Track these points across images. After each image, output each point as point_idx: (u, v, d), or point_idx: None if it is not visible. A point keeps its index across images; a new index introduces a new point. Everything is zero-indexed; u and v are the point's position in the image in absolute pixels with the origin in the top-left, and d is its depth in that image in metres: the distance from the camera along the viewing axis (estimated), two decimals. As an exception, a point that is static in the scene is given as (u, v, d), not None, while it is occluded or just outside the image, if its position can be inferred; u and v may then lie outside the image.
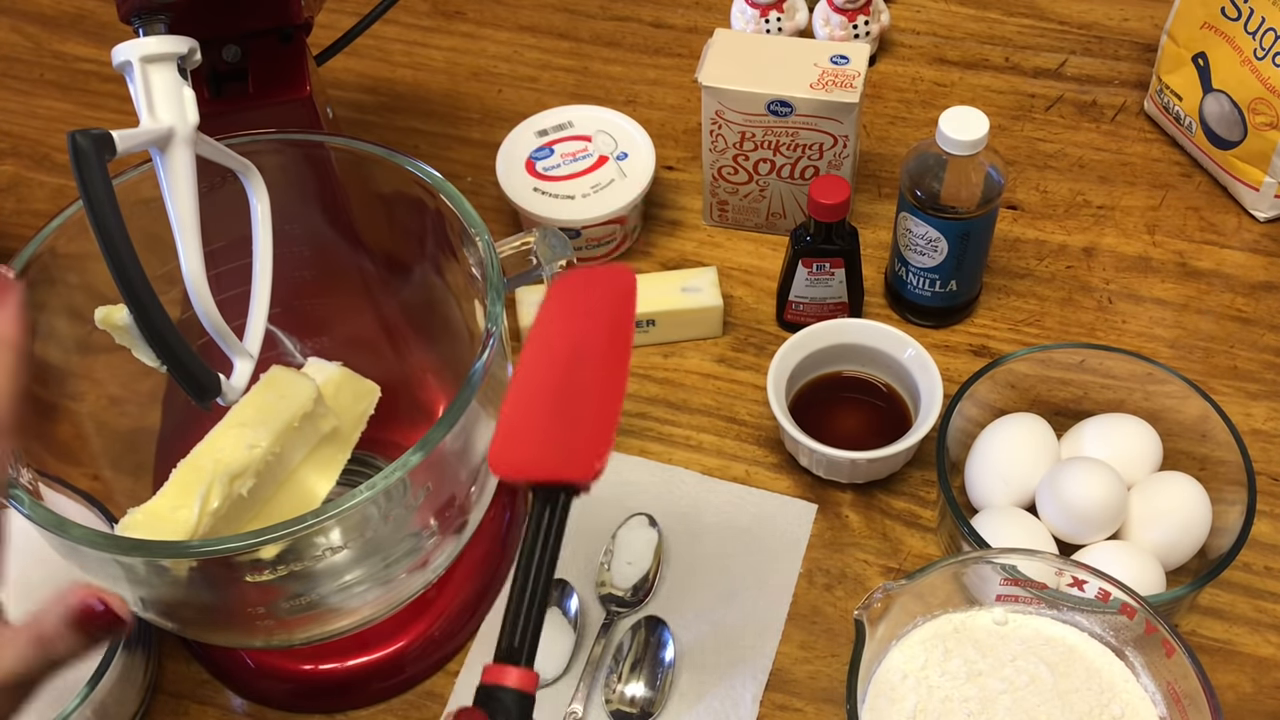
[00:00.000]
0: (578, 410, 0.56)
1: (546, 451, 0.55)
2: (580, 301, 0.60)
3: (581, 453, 0.55)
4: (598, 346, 0.58)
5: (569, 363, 0.58)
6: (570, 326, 0.59)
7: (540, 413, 0.57)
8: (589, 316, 0.59)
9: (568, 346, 0.58)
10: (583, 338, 0.58)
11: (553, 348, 0.59)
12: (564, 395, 0.57)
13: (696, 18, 1.16)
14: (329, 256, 0.79)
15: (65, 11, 1.20)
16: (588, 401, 0.56)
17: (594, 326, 0.58)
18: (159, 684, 0.78)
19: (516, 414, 0.57)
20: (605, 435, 0.55)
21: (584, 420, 0.56)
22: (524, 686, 0.52)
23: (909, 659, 0.68)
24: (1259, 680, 0.76)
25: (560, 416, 0.56)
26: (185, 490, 0.65)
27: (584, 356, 0.58)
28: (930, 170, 0.85)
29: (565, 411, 0.56)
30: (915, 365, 0.85)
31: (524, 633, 0.53)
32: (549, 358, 0.58)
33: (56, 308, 0.71)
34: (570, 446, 0.55)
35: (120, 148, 0.56)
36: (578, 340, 0.58)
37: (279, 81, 0.81)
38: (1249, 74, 0.93)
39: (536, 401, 0.57)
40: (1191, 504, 0.77)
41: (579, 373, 0.57)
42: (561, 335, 0.59)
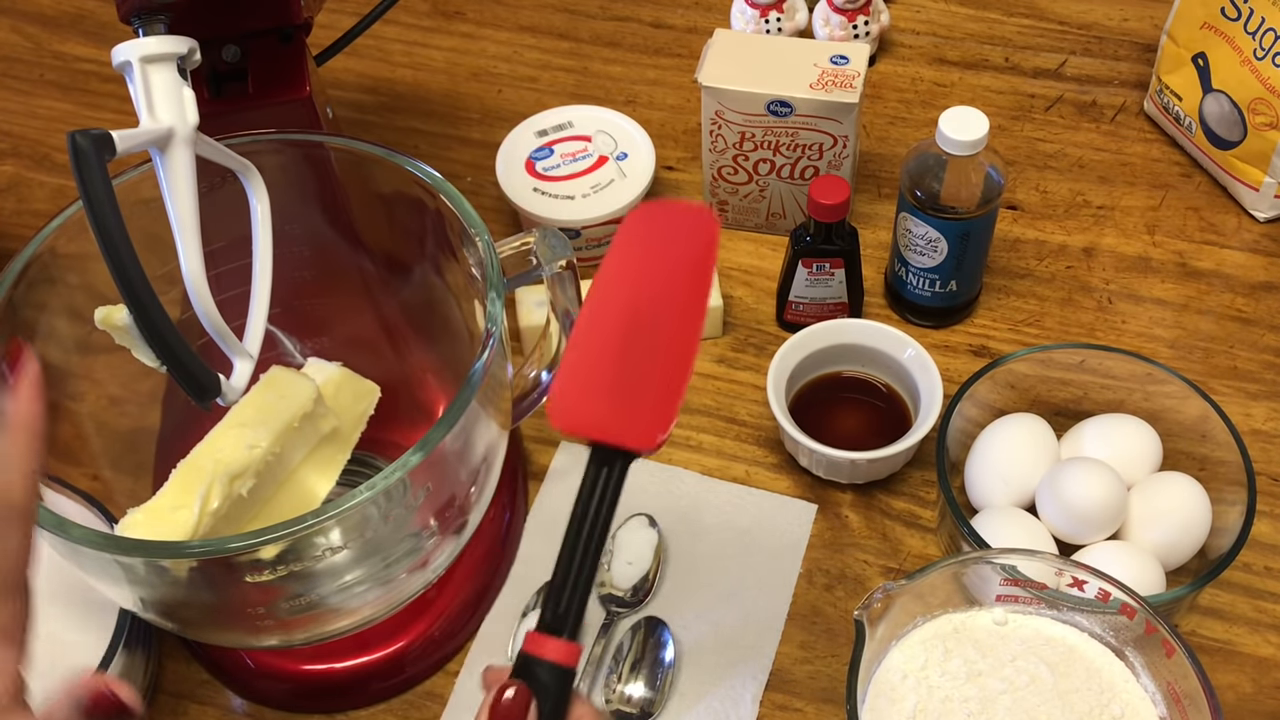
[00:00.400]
0: (647, 366, 0.52)
1: (609, 408, 0.52)
2: (659, 241, 0.56)
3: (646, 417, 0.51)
4: (675, 297, 0.54)
5: (642, 308, 0.54)
6: (645, 267, 0.55)
7: (606, 362, 0.53)
8: (668, 261, 0.55)
9: (641, 289, 0.54)
10: (659, 283, 0.54)
11: (626, 288, 0.54)
12: (633, 345, 0.53)
13: (696, 18, 1.16)
14: (329, 256, 0.79)
15: (65, 11, 1.20)
16: (657, 358, 0.52)
17: (673, 273, 0.54)
18: (159, 684, 0.78)
19: (581, 359, 0.54)
20: (672, 401, 0.52)
21: (651, 379, 0.52)
22: (565, 660, 0.50)
23: (909, 659, 0.68)
24: (1259, 680, 0.76)
25: (627, 370, 0.52)
26: (185, 490, 0.65)
27: (658, 305, 0.54)
28: (930, 170, 0.85)
29: (633, 365, 0.53)
30: (915, 365, 0.85)
31: (569, 603, 0.50)
32: (621, 299, 0.54)
33: (56, 308, 0.71)
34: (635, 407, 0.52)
35: (120, 148, 0.56)
36: (654, 285, 0.54)
37: (279, 81, 0.81)
38: (1249, 74, 0.93)
39: (604, 347, 0.53)
40: (1191, 504, 0.77)
41: (652, 322, 0.53)
42: (635, 275, 0.55)
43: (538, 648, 0.50)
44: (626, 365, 0.53)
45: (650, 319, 0.53)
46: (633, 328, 0.53)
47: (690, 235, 0.55)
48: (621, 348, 0.53)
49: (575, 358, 0.54)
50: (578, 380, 0.53)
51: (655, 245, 0.55)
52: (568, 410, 0.53)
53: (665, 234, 0.56)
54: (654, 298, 0.54)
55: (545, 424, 0.88)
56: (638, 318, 0.53)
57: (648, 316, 0.53)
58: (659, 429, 0.51)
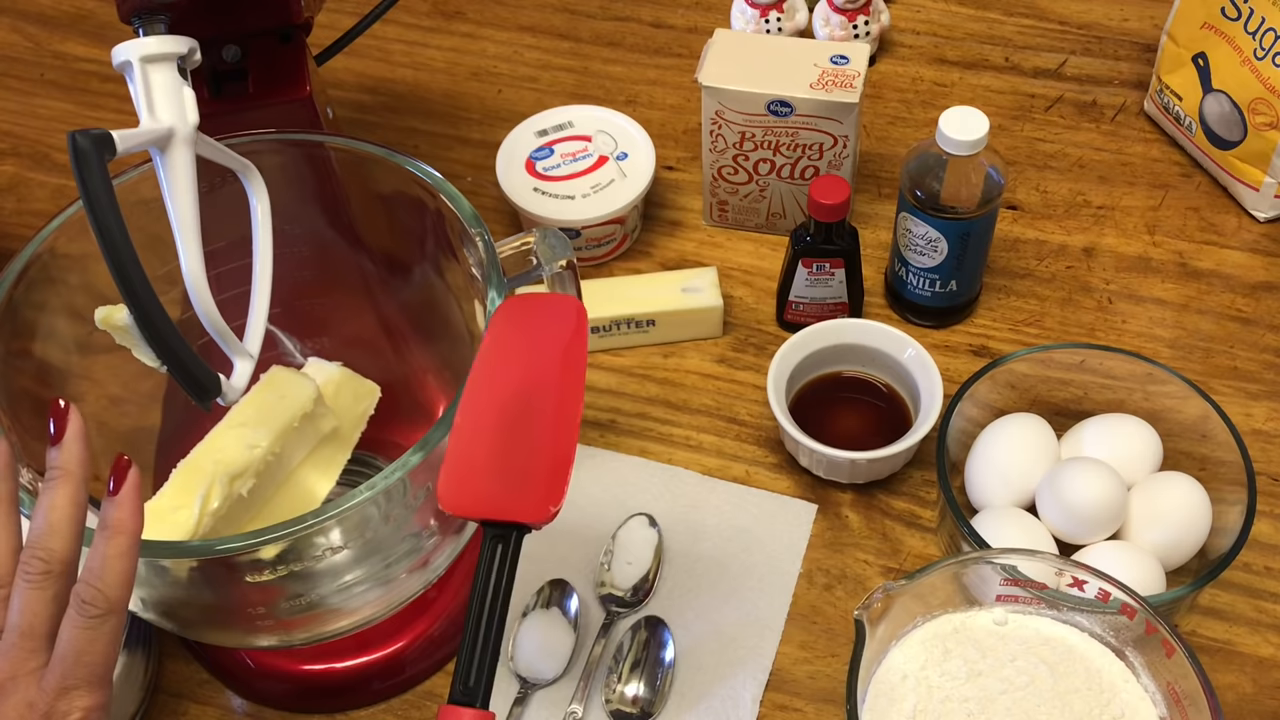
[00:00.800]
0: (530, 445, 0.56)
1: (498, 488, 0.55)
2: (528, 330, 0.60)
3: (536, 492, 0.55)
4: (550, 378, 0.57)
5: (519, 393, 0.57)
6: (520, 355, 0.59)
7: (490, 445, 0.56)
8: (539, 346, 0.59)
9: (518, 376, 0.58)
10: (533, 367, 0.58)
11: (501, 377, 0.58)
12: (515, 428, 0.57)
13: (696, 18, 1.16)
14: (329, 256, 0.79)
15: (65, 11, 1.20)
16: (541, 437, 0.56)
17: (545, 357, 0.58)
18: (159, 684, 0.78)
19: (465, 446, 0.57)
20: (561, 475, 0.55)
21: (538, 457, 0.56)
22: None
23: (909, 659, 0.68)
24: (1259, 680, 0.76)
25: (512, 451, 0.56)
26: (185, 490, 0.65)
27: (535, 388, 0.57)
28: (930, 170, 0.85)
29: (517, 446, 0.56)
30: (915, 365, 0.85)
31: (479, 674, 0.53)
32: (498, 387, 0.58)
33: (56, 308, 0.71)
34: (523, 484, 0.55)
35: (120, 148, 0.56)
36: (528, 370, 0.58)
37: (279, 81, 0.81)
38: (1249, 74, 0.93)
39: (485, 433, 0.57)
40: (1191, 504, 0.77)
41: (531, 406, 0.57)
42: (511, 364, 0.59)
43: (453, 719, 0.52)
44: (511, 443, 0.56)
45: (528, 402, 0.57)
46: (512, 411, 0.57)
47: (558, 317, 0.60)
48: (502, 431, 0.57)
49: (459, 444, 0.57)
50: (463, 465, 0.56)
51: (526, 331, 0.60)
52: (458, 494, 0.56)
53: (535, 323, 0.60)
54: (530, 381, 0.58)
55: (545, 424, 0.88)
56: (517, 402, 0.57)
57: (526, 400, 0.57)
58: (551, 502, 0.54)
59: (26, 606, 0.52)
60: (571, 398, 0.57)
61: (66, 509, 0.54)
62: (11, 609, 0.53)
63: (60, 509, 0.54)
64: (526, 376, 0.58)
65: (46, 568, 0.53)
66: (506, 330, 0.60)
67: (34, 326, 0.70)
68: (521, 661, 0.77)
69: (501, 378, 0.58)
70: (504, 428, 0.57)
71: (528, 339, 0.60)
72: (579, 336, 0.59)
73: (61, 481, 0.54)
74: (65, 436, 0.55)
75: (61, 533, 0.53)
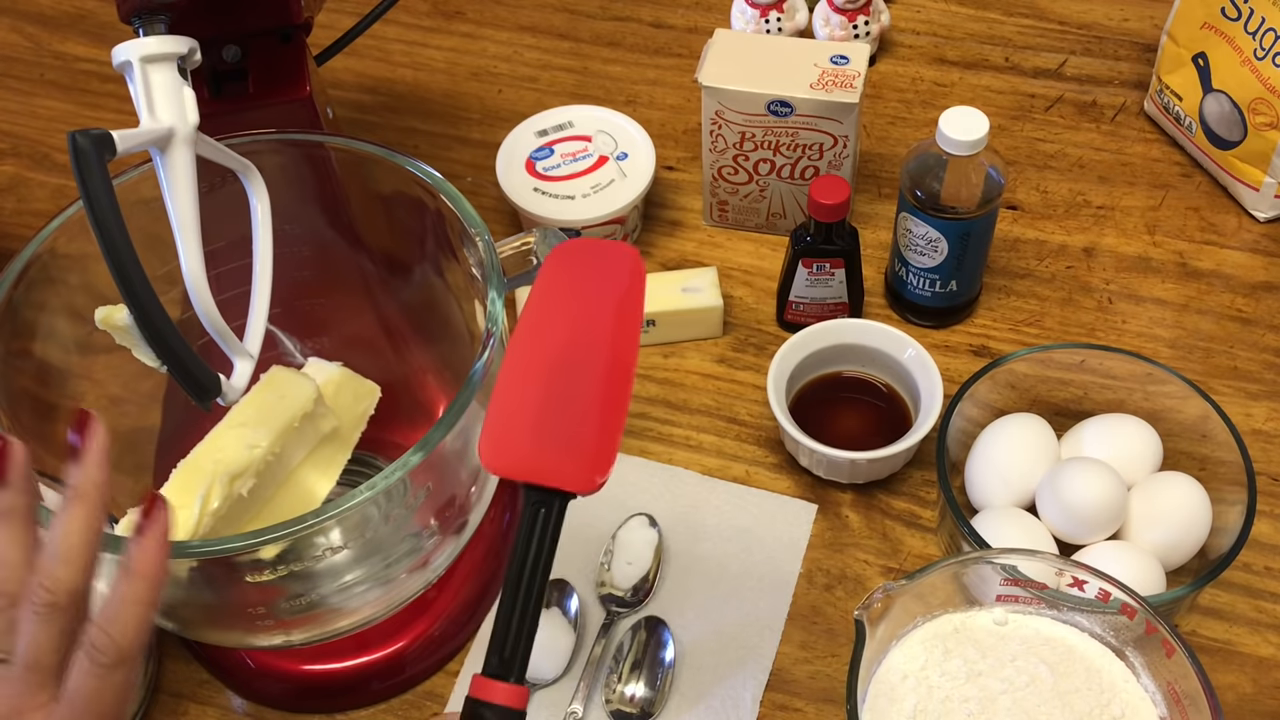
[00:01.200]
0: (579, 406, 0.52)
1: (543, 450, 0.52)
2: (580, 279, 0.55)
3: (583, 459, 0.51)
4: (603, 334, 0.53)
5: (569, 347, 0.53)
6: (570, 306, 0.54)
7: (536, 403, 0.52)
8: (591, 297, 0.54)
9: (567, 328, 0.54)
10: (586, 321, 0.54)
11: (549, 328, 0.54)
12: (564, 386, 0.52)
13: (696, 18, 1.16)
14: (329, 256, 0.79)
15: (65, 11, 1.20)
16: (590, 399, 0.52)
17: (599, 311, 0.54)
18: (159, 684, 0.78)
19: (511, 401, 0.53)
20: (609, 443, 0.51)
21: (586, 421, 0.52)
22: (514, 703, 0.49)
23: (909, 659, 0.68)
24: (1259, 680, 0.76)
25: (559, 411, 0.52)
26: (185, 490, 0.65)
27: (587, 344, 0.53)
28: (930, 170, 0.85)
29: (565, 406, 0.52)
30: (915, 365, 0.85)
31: (515, 645, 0.50)
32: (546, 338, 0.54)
33: (56, 308, 0.71)
34: (570, 449, 0.51)
35: (120, 148, 0.56)
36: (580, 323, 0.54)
37: (279, 81, 0.81)
38: (1249, 74, 0.93)
39: (532, 389, 0.53)
40: (1191, 504, 0.77)
41: (581, 362, 0.53)
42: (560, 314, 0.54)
43: (486, 692, 0.49)
44: (559, 402, 0.52)
45: (577, 357, 0.53)
46: (561, 368, 0.53)
47: (615, 273, 0.55)
48: (552, 384, 0.52)
49: (502, 398, 0.53)
50: (509, 421, 0.53)
51: (579, 284, 0.55)
52: (500, 452, 0.52)
53: (589, 273, 0.55)
54: (580, 335, 0.53)
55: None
56: (566, 358, 0.53)
57: (575, 354, 0.53)
58: (598, 470, 0.51)
59: (32, 639, 0.50)
60: (624, 356, 0.53)
61: (78, 535, 0.51)
62: (19, 636, 0.50)
63: (72, 535, 0.51)
64: (576, 329, 0.53)
65: (52, 599, 0.50)
66: (557, 278, 0.55)
67: (34, 326, 0.70)
68: (521, 661, 0.77)
69: (549, 329, 0.54)
70: (551, 383, 0.52)
71: (579, 289, 0.55)
72: (635, 290, 0.54)
73: (77, 505, 0.51)
74: (87, 455, 0.52)
75: (71, 561, 0.50)
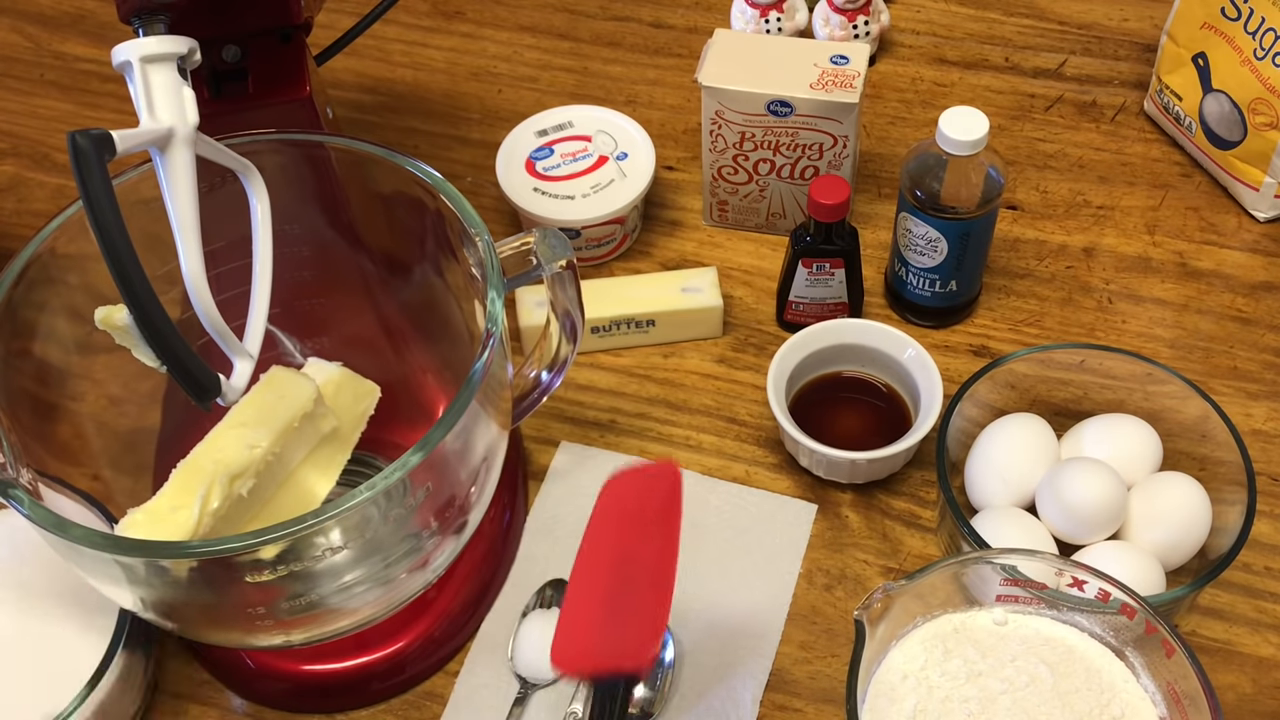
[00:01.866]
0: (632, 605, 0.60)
1: (603, 646, 0.59)
2: (631, 503, 0.64)
3: (635, 643, 0.59)
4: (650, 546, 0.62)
5: (620, 563, 0.61)
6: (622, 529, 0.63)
7: (595, 612, 0.60)
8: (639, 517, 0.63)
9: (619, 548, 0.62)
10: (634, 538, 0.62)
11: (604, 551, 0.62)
12: (617, 594, 0.61)
13: (696, 18, 1.16)
14: (329, 256, 0.79)
15: (65, 11, 1.20)
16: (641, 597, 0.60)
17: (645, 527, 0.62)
18: (159, 684, 0.78)
19: (575, 614, 0.61)
20: (658, 625, 0.59)
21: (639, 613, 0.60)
22: None
23: (909, 659, 0.68)
24: (1259, 680, 0.76)
25: (615, 613, 0.60)
26: (185, 490, 0.65)
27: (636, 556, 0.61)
28: (930, 170, 0.85)
29: (619, 608, 0.60)
30: (915, 365, 0.85)
31: None
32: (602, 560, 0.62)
33: (56, 308, 0.71)
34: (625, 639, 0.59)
35: (120, 148, 0.56)
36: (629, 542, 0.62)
37: (279, 81, 0.81)
38: (1249, 74, 0.93)
39: (592, 602, 0.61)
40: (1191, 504, 0.77)
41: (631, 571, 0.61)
42: (613, 538, 0.63)
43: None
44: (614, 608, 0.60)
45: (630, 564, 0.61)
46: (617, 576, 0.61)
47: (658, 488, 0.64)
48: (608, 595, 0.61)
49: (569, 612, 0.61)
50: (573, 630, 0.61)
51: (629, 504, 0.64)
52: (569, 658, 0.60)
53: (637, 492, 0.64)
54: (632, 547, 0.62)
55: (545, 424, 0.88)
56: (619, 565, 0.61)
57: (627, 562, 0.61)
58: (647, 647, 0.59)
59: None
60: (667, 556, 0.61)
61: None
62: None
63: None
64: (627, 546, 0.62)
65: None
66: (611, 503, 0.64)
67: (34, 326, 0.70)
68: (521, 661, 0.77)
69: (603, 550, 0.63)
70: (605, 594, 0.61)
71: (630, 507, 0.64)
72: (674, 498, 0.63)
73: None
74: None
75: None
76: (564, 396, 0.89)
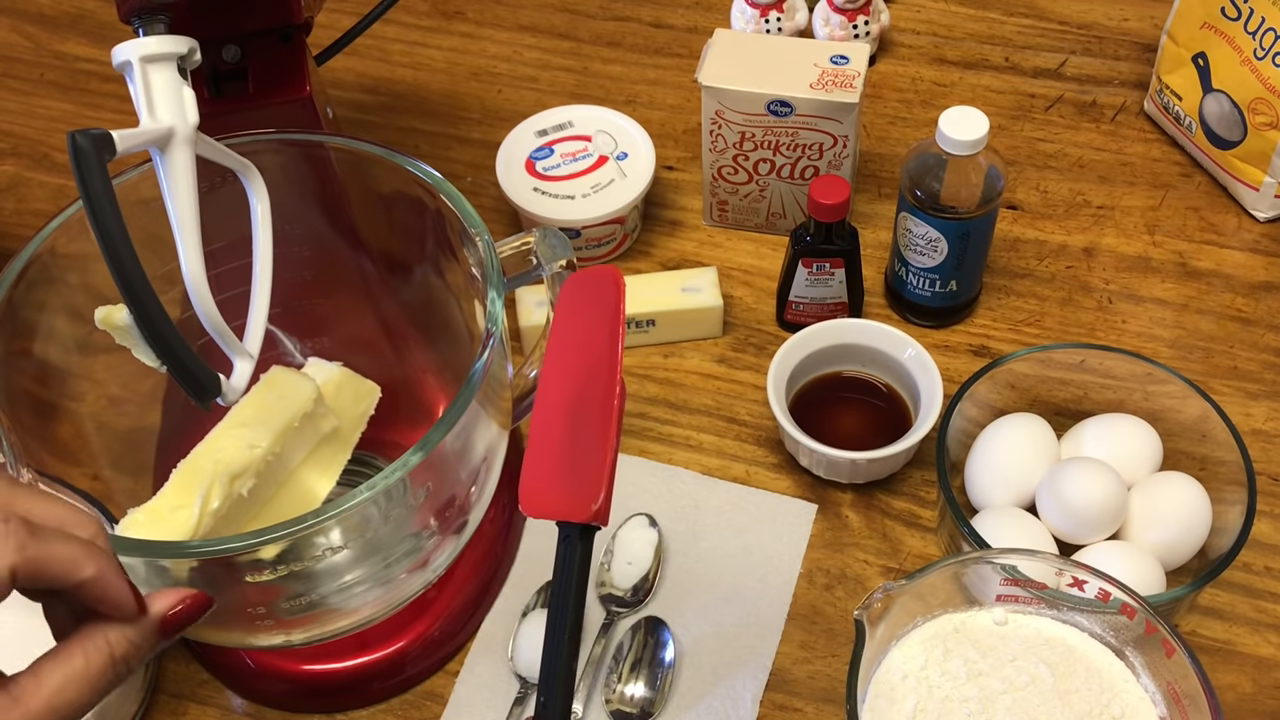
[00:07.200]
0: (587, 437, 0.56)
1: (560, 487, 0.56)
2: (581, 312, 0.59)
3: (585, 490, 0.54)
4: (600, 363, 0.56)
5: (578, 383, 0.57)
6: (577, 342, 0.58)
7: (557, 441, 0.57)
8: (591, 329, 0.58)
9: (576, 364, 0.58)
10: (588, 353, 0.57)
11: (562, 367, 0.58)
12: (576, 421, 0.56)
13: (696, 18, 1.16)
14: (329, 256, 0.79)
15: (65, 11, 1.20)
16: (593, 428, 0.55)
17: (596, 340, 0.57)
18: (159, 684, 0.78)
19: (537, 443, 0.58)
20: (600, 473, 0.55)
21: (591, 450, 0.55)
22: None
23: (909, 659, 0.68)
24: (1259, 680, 0.76)
25: (574, 445, 0.56)
26: (185, 490, 0.65)
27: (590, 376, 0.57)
28: (930, 170, 0.85)
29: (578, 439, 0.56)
30: (915, 365, 0.85)
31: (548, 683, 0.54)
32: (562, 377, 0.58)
33: (56, 308, 0.71)
34: (578, 482, 0.55)
35: (120, 148, 0.56)
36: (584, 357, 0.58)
37: (279, 81, 0.80)
38: (1249, 74, 0.93)
39: (553, 428, 0.57)
40: (1191, 504, 0.77)
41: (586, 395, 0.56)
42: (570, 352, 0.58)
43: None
44: (573, 440, 0.56)
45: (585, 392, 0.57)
46: (574, 403, 0.57)
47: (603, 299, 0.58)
48: (567, 424, 0.57)
49: (534, 442, 0.58)
50: (536, 464, 0.58)
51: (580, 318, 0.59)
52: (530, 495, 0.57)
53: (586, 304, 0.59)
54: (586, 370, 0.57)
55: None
56: (577, 393, 0.57)
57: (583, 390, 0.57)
58: (591, 499, 0.54)
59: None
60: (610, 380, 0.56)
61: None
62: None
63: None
64: (583, 364, 0.57)
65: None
66: (565, 317, 0.60)
67: (34, 326, 0.70)
68: (521, 661, 0.77)
69: (563, 368, 0.58)
70: (568, 421, 0.57)
71: (582, 322, 0.59)
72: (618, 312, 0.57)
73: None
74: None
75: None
76: (564, 396, 0.89)
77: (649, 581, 0.80)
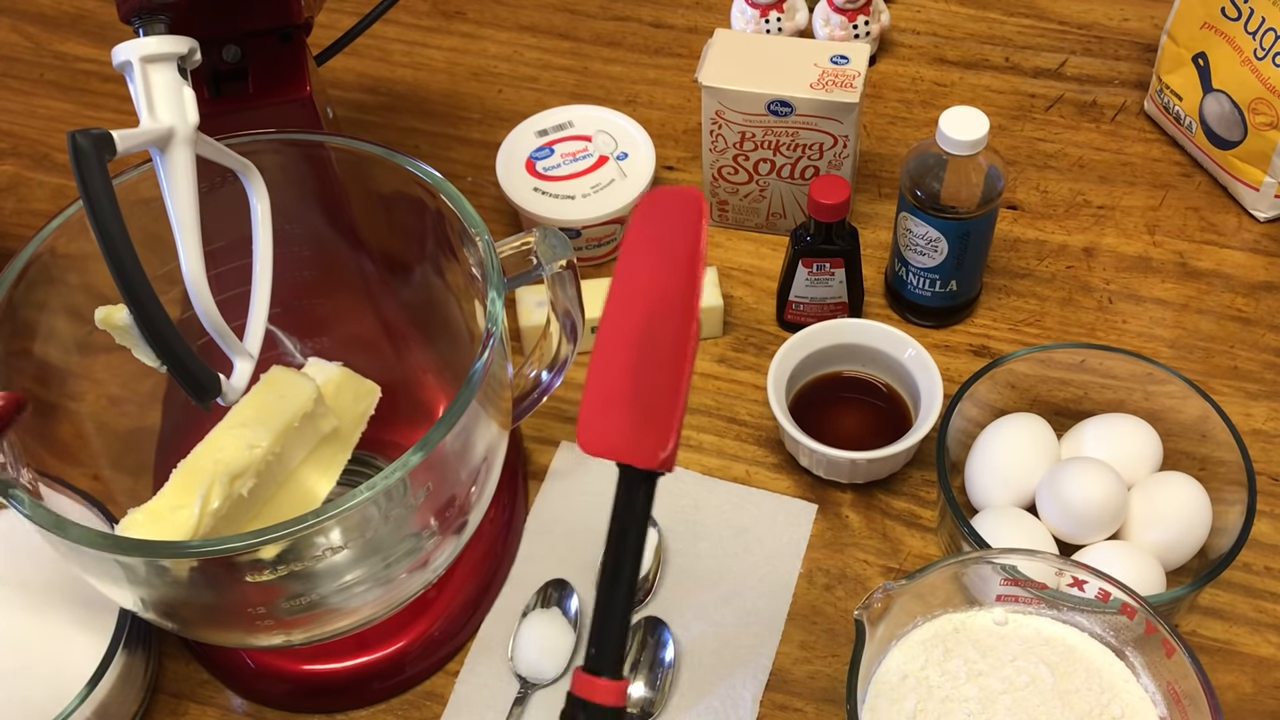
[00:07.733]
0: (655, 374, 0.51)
1: (624, 425, 0.51)
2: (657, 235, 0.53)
3: (652, 433, 0.50)
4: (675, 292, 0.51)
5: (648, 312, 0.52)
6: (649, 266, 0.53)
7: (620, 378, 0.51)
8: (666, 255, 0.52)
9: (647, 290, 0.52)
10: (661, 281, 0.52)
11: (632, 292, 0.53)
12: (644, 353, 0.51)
13: (696, 18, 1.16)
14: (329, 256, 0.79)
15: (65, 11, 1.20)
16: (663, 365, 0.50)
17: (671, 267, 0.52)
18: (159, 684, 0.78)
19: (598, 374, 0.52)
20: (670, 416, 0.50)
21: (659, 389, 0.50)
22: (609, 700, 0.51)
23: (909, 659, 0.68)
24: (1259, 680, 0.76)
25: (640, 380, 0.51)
26: (185, 490, 0.65)
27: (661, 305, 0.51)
28: (930, 170, 0.85)
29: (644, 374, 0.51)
30: (915, 365, 0.85)
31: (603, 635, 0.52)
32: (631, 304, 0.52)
33: (56, 308, 0.71)
34: (644, 423, 0.50)
35: (120, 148, 0.56)
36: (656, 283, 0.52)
37: (279, 81, 0.81)
38: (1249, 74, 0.93)
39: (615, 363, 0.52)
40: (1191, 504, 0.77)
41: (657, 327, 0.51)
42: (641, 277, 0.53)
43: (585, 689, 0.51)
44: (639, 375, 0.51)
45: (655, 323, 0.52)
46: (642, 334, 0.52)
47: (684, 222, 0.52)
48: (632, 357, 0.51)
49: (594, 371, 0.53)
50: (596, 397, 0.52)
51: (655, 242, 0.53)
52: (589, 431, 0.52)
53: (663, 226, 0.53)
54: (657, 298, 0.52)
55: (545, 424, 0.88)
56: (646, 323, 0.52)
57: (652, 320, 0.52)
58: (660, 445, 0.50)
59: None
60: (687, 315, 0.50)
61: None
62: None
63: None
64: (655, 293, 0.52)
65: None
66: (637, 239, 0.53)
67: (34, 326, 0.70)
68: (522, 661, 0.77)
69: (631, 296, 0.52)
70: (634, 355, 0.51)
71: (655, 247, 0.52)
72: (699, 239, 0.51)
73: None
74: None
75: None
76: (564, 396, 0.89)
77: (649, 581, 0.80)
